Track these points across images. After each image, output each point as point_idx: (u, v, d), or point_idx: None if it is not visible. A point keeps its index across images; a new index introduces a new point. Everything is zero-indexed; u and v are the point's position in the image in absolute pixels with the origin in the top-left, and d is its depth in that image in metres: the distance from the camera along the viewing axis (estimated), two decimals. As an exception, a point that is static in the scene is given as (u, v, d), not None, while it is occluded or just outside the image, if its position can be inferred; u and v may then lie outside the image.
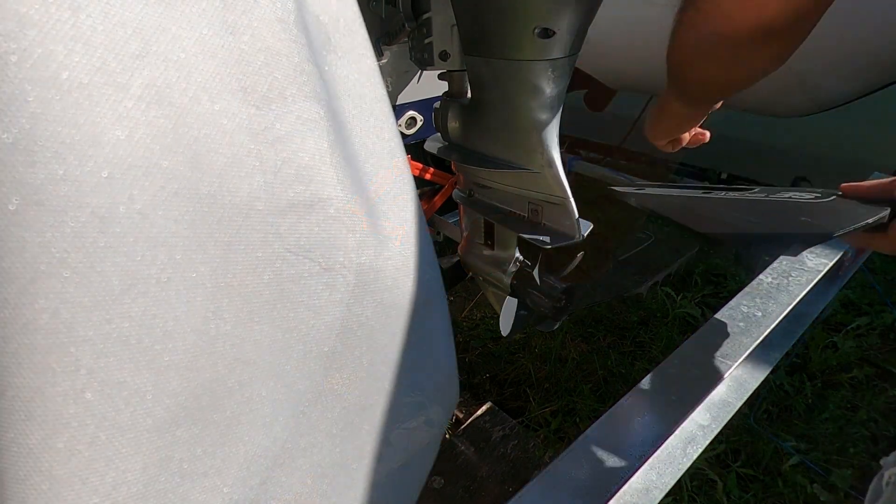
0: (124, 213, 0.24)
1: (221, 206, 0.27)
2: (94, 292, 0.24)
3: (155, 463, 0.28)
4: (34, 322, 0.23)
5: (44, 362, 0.24)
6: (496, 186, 0.75)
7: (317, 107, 0.30)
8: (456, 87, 0.77)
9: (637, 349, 1.37)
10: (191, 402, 0.29)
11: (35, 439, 0.25)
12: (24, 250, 0.22)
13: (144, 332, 0.26)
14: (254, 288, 0.30)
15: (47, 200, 0.22)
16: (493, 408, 1.11)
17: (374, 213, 0.36)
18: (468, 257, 0.88)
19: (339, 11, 0.35)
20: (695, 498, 1.01)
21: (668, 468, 0.56)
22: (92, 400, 0.25)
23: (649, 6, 1.16)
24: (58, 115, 0.22)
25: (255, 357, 0.32)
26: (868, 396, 1.19)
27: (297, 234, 0.31)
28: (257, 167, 0.28)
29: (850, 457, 1.06)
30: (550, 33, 0.59)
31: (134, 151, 0.24)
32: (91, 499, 0.26)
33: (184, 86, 0.25)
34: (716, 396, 0.64)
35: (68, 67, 0.22)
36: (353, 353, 0.37)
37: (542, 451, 1.01)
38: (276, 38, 0.28)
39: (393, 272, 0.37)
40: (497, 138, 0.71)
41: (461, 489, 0.94)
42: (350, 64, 0.35)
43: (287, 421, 0.35)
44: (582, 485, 0.52)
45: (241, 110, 0.27)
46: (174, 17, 0.24)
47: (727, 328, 0.71)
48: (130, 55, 0.23)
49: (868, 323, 1.36)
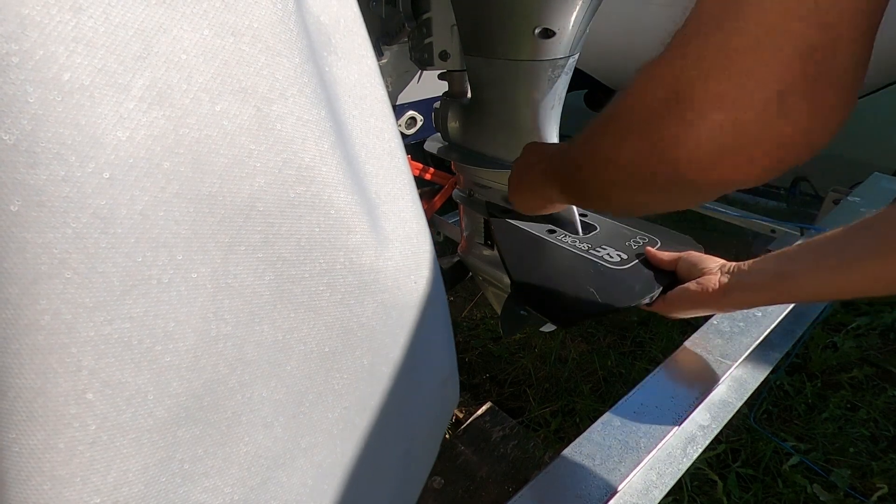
0: (125, 214, 0.24)
1: (222, 207, 0.27)
2: (95, 293, 0.24)
3: (156, 463, 0.28)
4: (36, 323, 0.23)
5: (45, 363, 0.24)
6: (496, 186, 0.75)
7: (318, 108, 0.30)
8: (456, 87, 0.77)
9: (637, 349, 1.37)
10: (192, 402, 0.29)
11: (37, 440, 0.25)
12: (25, 251, 0.22)
13: (146, 332, 0.26)
14: (255, 289, 0.30)
15: (49, 201, 0.22)
16: (493, 408, 1.11)
17: (374, 214, 0.36)
18: (468, 257, 0.88)
19: (340, 12, 0.35)
20: (695, 498, 1.01)
21: (668, 468, 0.56)
22: (93, 400, 0.25)
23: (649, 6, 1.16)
24: (59, 117, 0.22)
25: (256, 357, 0.32)
26: (868, 396, 1.19)
27: (297, 235, 0.31)
28: (258, 168, 0.28)
29: (850, 457, 1.06)
30: (550, 33, 0.60)
31: (135, 152, 0.24)
32: (93, 499, 0.26)
33: (185, 87, 0.25)
34: (716, 396, 0.64)
35: (69, 69, 0.22)
36: (354, 353, 0.37)
37: (542, 451, 1.01)
38: (276, 39, 0.28)
39: (393, 273, 0.37)
40: (497, 138, 0.72)
41: (461, 489, 0.94)
42: (350, 65, 0.36)
43: (288, 421, 0.35)
44: (582, 484, 0.52)
45: (243, 111, 0.27)
46: (175, 18, 0.25)
47: (727, 328, 0.71)
48: (132, 56, 0.24)
49: (868, 323, 1.36)
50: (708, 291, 0.53)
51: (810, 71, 0.23)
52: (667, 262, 0.62)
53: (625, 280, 0.63)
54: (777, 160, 0.26)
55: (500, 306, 0.86)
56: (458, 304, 1.54)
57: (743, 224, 1.18)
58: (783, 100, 0.23)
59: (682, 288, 0.57)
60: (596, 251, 0.68)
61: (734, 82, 0.24)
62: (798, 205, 1.85)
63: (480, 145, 0.74)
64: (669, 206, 0.35)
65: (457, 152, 0.77)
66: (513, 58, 0.63)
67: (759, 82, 0.23)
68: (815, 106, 0.24)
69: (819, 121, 0.24)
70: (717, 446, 1.09)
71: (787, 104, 0.23)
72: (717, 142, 0.25)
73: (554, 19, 0.59)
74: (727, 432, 1.12)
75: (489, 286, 0.87)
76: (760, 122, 0.24)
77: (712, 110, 0.25)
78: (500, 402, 1.21)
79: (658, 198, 0.33)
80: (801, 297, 0.48)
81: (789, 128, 0.24)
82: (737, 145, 0.25)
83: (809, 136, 0.25)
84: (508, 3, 0.59)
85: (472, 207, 0.81)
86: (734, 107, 0.24)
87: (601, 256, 0.67)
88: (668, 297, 0.58)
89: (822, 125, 0.24)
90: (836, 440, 1.10)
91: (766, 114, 0.24)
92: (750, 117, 0.24)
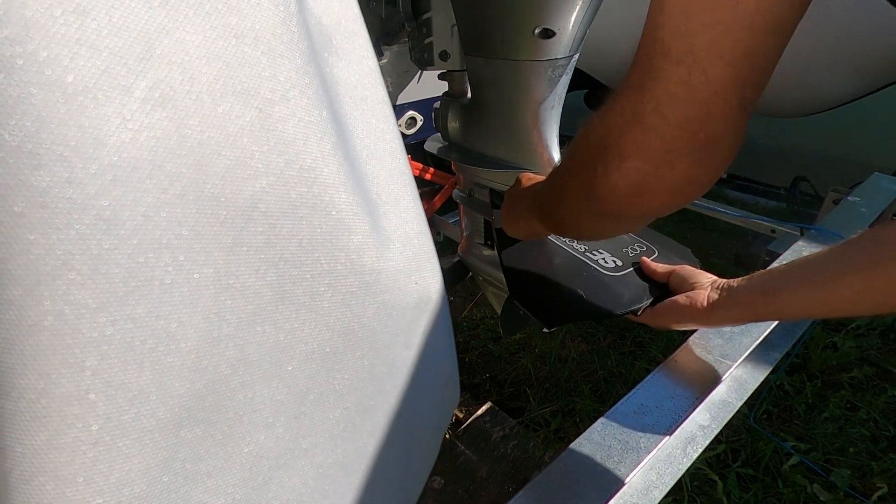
0: (128, 216, 0.24)
1: (225, 208, 0.28)
2: (98, 294, 0.24)
3: (158, 463, 0.28)
4: (39, 324, 0.23)
5: (49, 363, 0.24)
6: (496, 187, 0.75)
7: (319, 109, 0.31)
8: (456, 87, 0.77)
9: (637, 349, 1.37)
10: (194, 402, 0.29)
11: (40, 440, 0.25)
12: (29, 252, 0.22)
13: (148, 333, 0.26)
14: (256, 289, 0.30)
15: (52, 203, 0.22)
16: (493, 408, 1.11)
17: (375, 215, 0.36)
18: (468, 257, 0.88)
19: (341, 13, 0.35)
20: (695, 498, 1.01)
21: (668, 468, 0.56)
22: (96, 401, 0.25)
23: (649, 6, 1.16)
24: (63, 118, 0.22)
25: (258, 358, 0.32)
26: (868, 396, 1.19)
27: (299, 236, 0.31)
28: (260, 169, 0.28)
29: (850, 457, 1.06)
30: (550, 34, 0.60)
31: (138, 154, 0.24)
32: (95, 499, 0.26)
33: (187, 89, 0.25)
34: (716, 396, 0.64)
35: (73, 70, 0.22)
36: (355, 353, 0.37)
37: (542, 451, 1.01)
38: (278, 40, 0.28)
39: (394, 273, 0.37)
40: (497, 138, 0.72)
41: (461, 489, 0.94)
42: (351, 66, 0.36)
43: (289, 421, 0.35)
44: (581, 484, 0.52)
45: (245, 113, 0.27)
46: (178, 20, 0.25)
47: (727, 328, 0.71)
48: (134, 58, 0.24)
49: (868, 323, 1.36)
50: (696, 306, 0.54)
51: (688, 136, 0.29)
52: (660, 275, 0.63)
53: (615, 287, 0.62)
54: (671, 199, 0.32)
55: (500, 306, 0.86)
56: (458, 304, 1.54)
57: (743, 224, 1.18)
58: (669, 156, 0.30)
59: (671, 300, 0.57)
60: (592, 254, 0.67)
61: (641, 138, 0.30)
62: (798, 205, 1.86)
63: (480, 145, 0.74)
64: (616, 231, 0.43)
65: (457, 152, 0.77)
66: (513, 58, 0.63)
67: (656, 140, 0.29)
68: (693, 161, 0.30)
69: (698, 172, 0.30)
70: (717, 446, 1.09)
71: (672, 159, 0.30)
72: (628, 181, 0.31)
73: (554, 19, 0.59)
74: (727, 432, 1.12)
75: (489, 286, 0.87)
76: (655, 172, 0.30)
77: (626, 158, 0.31)
78: (500, 402, 1.21)
79: (605, 224, 0.39)
80: (787, 315, 0.49)
81: (676, 177, 0.30)
82: (641, 187, 0.31)
83: (691, 184, 0.31)
84: (508, 3, 0.59)
85: (472, 207, 0.81)
86: (639, 157, 0.30)
87: (596, 260, 0.66)
88: (656, 309, 0.59)
89: (701, 175, 0.31)
90: (836, 440, 1.10)
91: (659, 165, 0.30)
92: (649, 167, 0.30)
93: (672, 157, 0.30)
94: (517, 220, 0.58)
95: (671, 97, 0.28)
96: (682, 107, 0.28)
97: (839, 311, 0.44)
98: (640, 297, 0.61)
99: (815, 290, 0.43)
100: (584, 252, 0.68)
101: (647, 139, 0.30)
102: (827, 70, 1.09)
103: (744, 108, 0.29)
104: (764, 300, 0.48)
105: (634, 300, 0.60)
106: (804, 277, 0.44)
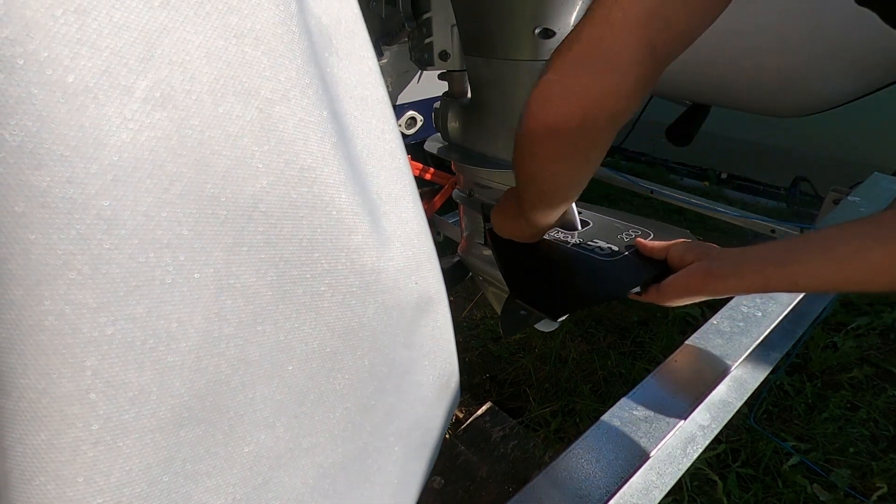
0: (129, 216, 0.24)
1: (225, 208, 0.28)
2: (99, 294, 0.24)
3: (159, 463, 0.28)
4: (40, 324, 0.23)
5: (49, 363, 0.24)
6: (496, 186, 0.75)
7: (319, 109, 0.31)
8: (456, 87, 0.77)
9: (637, 349, 1.37)
10: (194, 402, 0.29)
11: (40, 439, 0.25)
12: (30, 252, 0.22)
13: (149, 333, 0.26)
14: (257, 289, 0.30)
15: (53, 203, 0.22)
16: (493, 408, 1.11)
17: (375, 215, 0.36)
18: (468, 257, 0.88)
19: (341, 13, 0.35)
20: (695, 498, 1.01)
21: (668, 468, 0.56)
22: (96, 400, 0.25)
23: None
24: (63, 118, 0.22)
25: (258, 358, 0.32)
26: (868, 396, 1.19)
27: (299, 236, 0.31)
28: (261, 169, 0.28)
29: (850, 457, 1.06)
30: (550, 33, 0.60)
31: (139, 154, 0.24)
32: (95, 499, 0.26)
33: (188, 89, 0.25)
34: (716, 396, 0.64)
35: (74, 70, 0.22)
36: (355, 353, 0.37)
37: (542, 451, 1.01)
38: (279, 41, 0.28)
39: (394, 273, 0.37)
40: (497, 138, 0.72)
41: (461, 489, 0.94)
42: (351, 65, 0.36)
43: (289, 421, 0.35)
44: (582, 485, 0.52)
45: (245, 113, 0.27)
46: (178, 20, 0.25)
47: (727, 328, 0.71)
48: (135, 58, 0.24)
49: (868, 323, 1.36)
50: (700, 277, 0.52)
51: (592, 49, 0.37)
52: (657, 251, 0.61)
53: (614, 271, 0.62)
54: (572, 109, 0.38)
55: (500, 306, 0.86)
56: (458, 304, 1.54)
57: (743, 224, 1.18)
58: (575, 68, 0.38)
59: (674, 276, 0.56)
60: (587, 244, 0.67)
61: (556, 55, 0.39)
62: (798, 205, 1.86)
63: (480, 145, 0.74)
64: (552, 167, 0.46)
65: (457, 152, 0.77)
66: (513, 58, 0.63)
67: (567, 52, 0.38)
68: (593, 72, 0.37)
69: (597, 86, 0.37)
70: (717, 446, 1.09)
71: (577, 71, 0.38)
72: (540, 92, 0.40)
73: (554, 19, 0.59)
74: (727, 432, 1.12)
75: (489, 286, 0.87)
76: (561, 80, 0.38)
77: (543, 74, 0.40)
78: (500, 402, 1.21)
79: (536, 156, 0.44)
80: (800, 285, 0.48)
81: (578, 86, 0.38)
82: (549, 93, 0.39)
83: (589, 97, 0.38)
84: (508, 3, 0.59)
85: (472, 207, 0.81)
86: (552, 70, 0.39)
87: (592, 249, 0.66)
88: (660, 287, 0.57)
89: (598, 91, 0.38)
90: (836, 440, 1.10)
91: (564, 74, 0.38)
92: (556, 77, 0.39)
93: (577, 69, 0.38)
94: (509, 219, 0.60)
95: (592, 25, 0.37)
96: (596, 29, 0.37)
97: (856, 283, 0.43)
98: (640, 275, 0.60)
99: (835, 261, 0.43)
100: (580, 244, 0.68)
101: (561, 53, 0.39)
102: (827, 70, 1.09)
103: (653, 53, 0.36)
104: (777, 270, 0.47)
105: (635, 279, 0.59)
106: (826, 248, 0.44)
